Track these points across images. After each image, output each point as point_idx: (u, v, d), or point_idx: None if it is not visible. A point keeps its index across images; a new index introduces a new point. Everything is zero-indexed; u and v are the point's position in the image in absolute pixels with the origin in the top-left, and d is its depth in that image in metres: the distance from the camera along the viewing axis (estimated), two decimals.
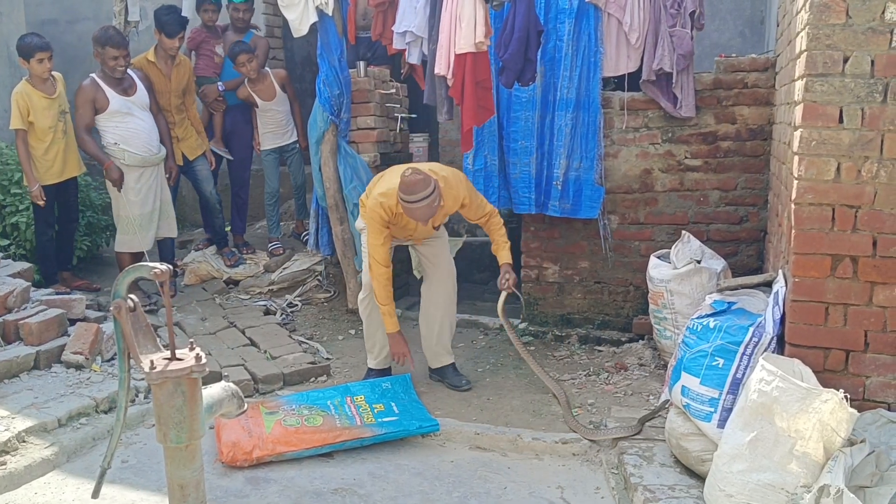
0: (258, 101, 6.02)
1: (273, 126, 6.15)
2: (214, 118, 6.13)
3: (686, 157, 4.83)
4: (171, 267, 2.33)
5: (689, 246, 4.38)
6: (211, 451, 3.73)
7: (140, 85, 5.27)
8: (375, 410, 4.01)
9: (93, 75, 5.21)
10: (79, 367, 4.38)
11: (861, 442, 2.78)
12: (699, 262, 4.29)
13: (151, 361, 2.23)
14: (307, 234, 5.76)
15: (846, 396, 2.70)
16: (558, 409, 4.09)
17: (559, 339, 5.07)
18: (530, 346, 5.02)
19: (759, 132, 4.70)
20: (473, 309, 5.74)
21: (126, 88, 5.19)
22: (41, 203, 5.17)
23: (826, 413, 2.71)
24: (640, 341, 4.85)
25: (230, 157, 6.18)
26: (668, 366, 4.06)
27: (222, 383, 2.45)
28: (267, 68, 6.13)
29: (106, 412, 4.08)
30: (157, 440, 2.30)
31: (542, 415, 4.03)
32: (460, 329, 5.34)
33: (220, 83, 6.00)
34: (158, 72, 5.50)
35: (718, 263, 4.34)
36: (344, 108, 5.21)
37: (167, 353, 2.27)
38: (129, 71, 5.25)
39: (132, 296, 2.34)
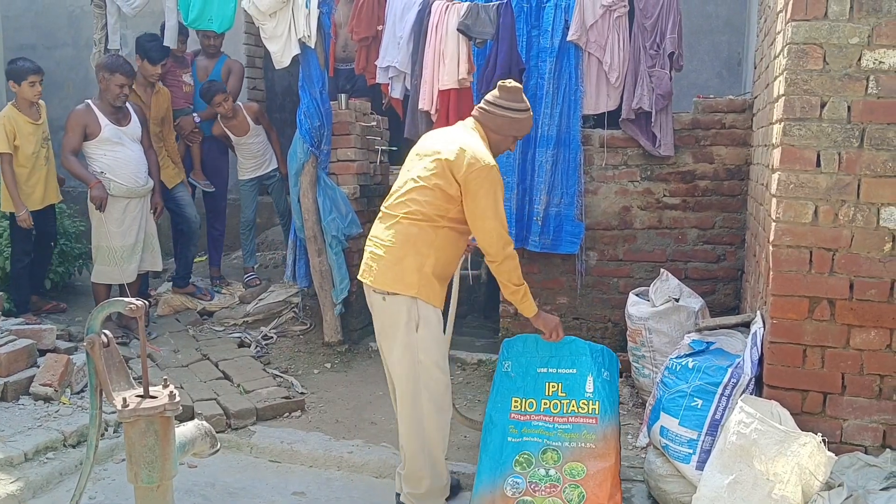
0: (232, 137, 6.00)
1: (251, 158, 6.14)
2: (192, 150, 6.09)
3: (664, 195, 4.87)
4: (146, 303, 2.29)
5: (667, 284, 4.39)
6: None
7: (135, 117, 5.24)
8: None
9: (88, 101, 5.16)
10: (47, 399, 4.28)
11: (839, 486, 2.77)
12: (677, 300, 4.30)
13: (124, 399, 2.17)
14: None
15: (824, 440, 2.70)
16: None
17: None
18: None
19: (736, 172, 4.76)
20: (451, 343, 5.68)
21: (120, 118, 5.15)
22: (29, 226, 5.11)
23: (804, 456, 2.71)
24: (619, 379, 4.82)
25: (211, 189, 6.12)
26: (647, 405, 4.05)
27: (195, 421, 2.39)
28: (239, 103, 6.09)
29: (74, 446, 3.99)
30: (128, 480, 2.23)
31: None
32: None
33: (195, 115, 5.97)
34: (138, 98, 5.47)
35: (696, 302, 4.35)
36: (324, 139, 5.20)
37: (140, 391, 2.22)
38: (126, 103, 5.21)
39: (106, 331, 2.29)
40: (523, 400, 3.50)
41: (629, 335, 4.46)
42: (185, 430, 2.32)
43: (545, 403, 3.47)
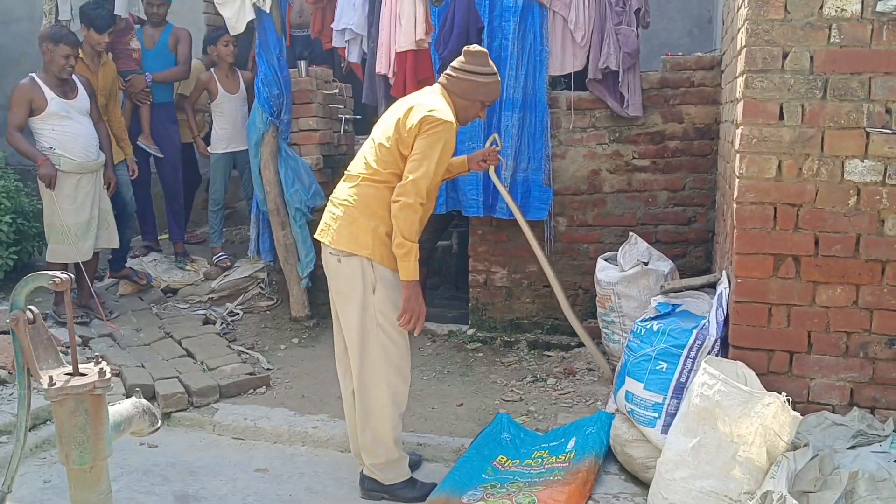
0: (220, 90, 5.82)
1: (229, 125, 5.91)
2: (141, 112, 5.85)
3: (634, 158, 4.77)
4: (71, 276, 2.17)
5: (636, 248, 4.30)
6: None
7: (82, 90, 5.04)
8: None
9: (32, 75, 4.96)
10: (2, 382, 4.15)
11: (805, 446, 2.71)
12: (646, 263, 4.21)
13: (51, 377, 2.06)
14: None
15: (789, 399, 2.63)
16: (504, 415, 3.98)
17: (508, 344, 4.96)
18: (478, 352, 4.91)
19: (706, 131, 4.66)
20: None
21: (67, 91, 4.95)
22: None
23: (769, 417, 2.64)
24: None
25: (160, 155, 5.91)
26: (615, 370, 3.98)
27: (132, 399, 2.29)
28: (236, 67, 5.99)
29: (31, 429, 3.87)
30: (60, 461, 2.13)
31: (486, 422, 3.90)
32: None
33: (148, 74, 5.76)
34: (86, 69, 5.26)
35: (666, 265, 4.27)
36: (284, 108, 5.05)
37: (69, 368, 2.11)
38: (73, 75, 5.02)
39: (32, 307, 2.17)
40: (509, 459, 3.52)
41: (598, 301, 4.38)
42: (120, 409, 2.21)
43: (528, 462, 3.48)
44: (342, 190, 3.24)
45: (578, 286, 4.93)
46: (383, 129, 3.18)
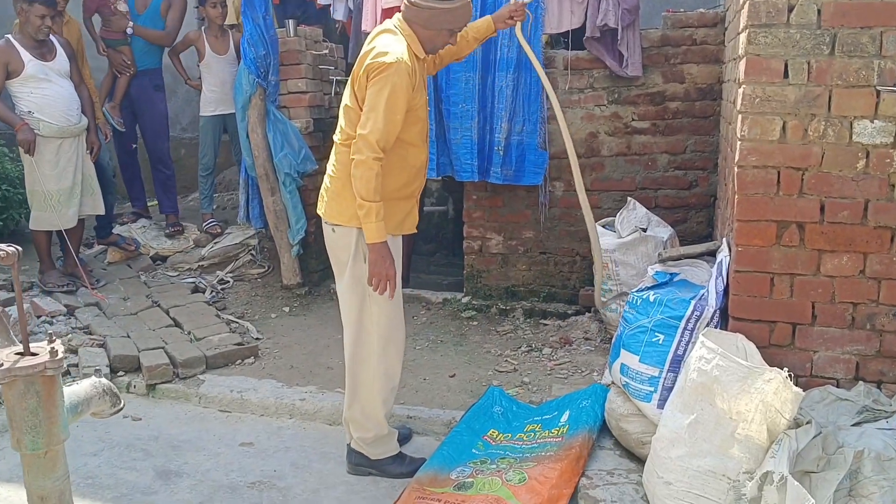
0: (208, 50, 5.64)
1: (218, 88, 5.74)
2: (118, 81, 5.70)
3: (633, 119, 4.58)
4: (18, 249, 2.02)
5: (634, 213, 4.15)
6: None
7: (61, 51, 4.87)
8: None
9: (8, 36, 4.78)
10: None
11: (807, 423, 2.58)
12: (645, 230, 4.06)
13: None
14: None
15: (790, 375, 2.49)
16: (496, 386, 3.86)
17: (503, 312, 4.83)
18: (473, 320, 4.79)
19: (708, 91, 4.47)
20: (417, 282, 5.48)
21: (45, 53, 4.77)
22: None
23: (769, 393, 2.50)
24: (587, 314, 4.63)
25: (122, 129, 5.75)
26: (613, 341, 3.85)
27: (92, 379, 2.16)
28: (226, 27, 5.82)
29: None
30: (11, 446, 2.01)
31: (479, 394, 3.79)
32: None
33: (130, 25, 5.57)
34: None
35: (665, 231, 4.12)
36: (271, 69, 4.87)
37: (20, 348, 1.97)
38: (51, 36, 4.84)
39: None
40: (500, 433, 3.40)
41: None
42: (77, 390, 2.09)
43: (520, 436, 3.35)
44: (330, 160, 3.10)
45: (576, 253, 4.78)
46: (348, 87, 3.01)
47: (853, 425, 2.66)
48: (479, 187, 4.86)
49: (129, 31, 5.56)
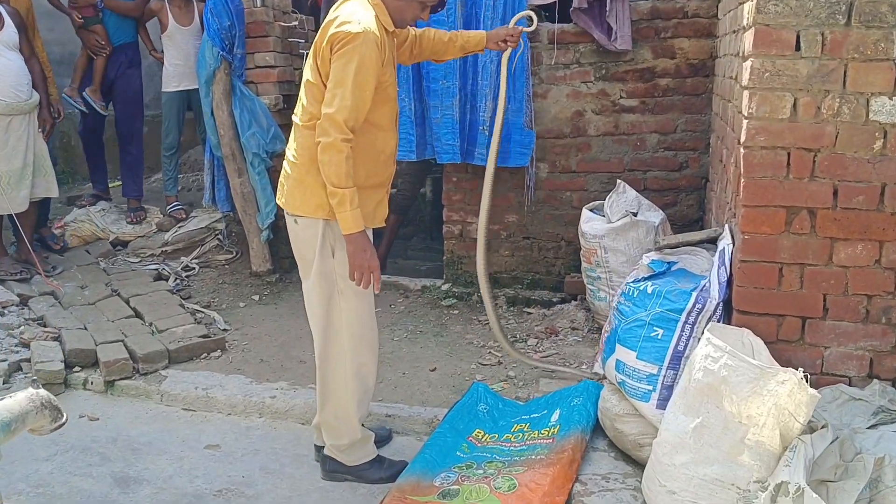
0: (171, 21, 5.30)
1: (181, 61, 5.40)
2: (95, 63, 5.37)
3: (621, 97, 4.35)
4: None
5: (624, 196, 3.93)
6: None
7: (8, 21, 4.51)
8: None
9: None
10: None
11: (822, 427, 2.38)
12: (635, 214, 3.85)
13: None
14: None
15: (806, 376, 2.29)
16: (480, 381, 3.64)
17: None
18: (454, 309, 4.55)
19: (700, 67, 4.25)
20: (394, 268, 5.23)
21: None
22: None
23: (783, 396, 2.30)
24: (573, 302, 4.42)
25: (105, 112, 5.41)
26: (602, 331, 3.64)
27: (28, 391, 1.88)
28: None
29: None
30: None
31: (462, 390, 3.56)
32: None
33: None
34: None
35: (656, 216, 3.91)
36: (237, 42, 4.58)
37: None
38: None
39: None
40: (486, 434, 3.16)
41: (583, 255, 4.02)
42: (10, 405, 1.81)
43: (507, 436, 3.13)
44: (290, 143, 2.82)
45: (561, 238, 4.55)
46: (310, 60, 2.71)
47: (869, 428, 2.47)
48: (459, 169, 4.61)
49: (99, 3, 5.20)
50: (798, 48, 2.51)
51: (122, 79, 5.48)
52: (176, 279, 4.86)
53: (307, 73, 2.72)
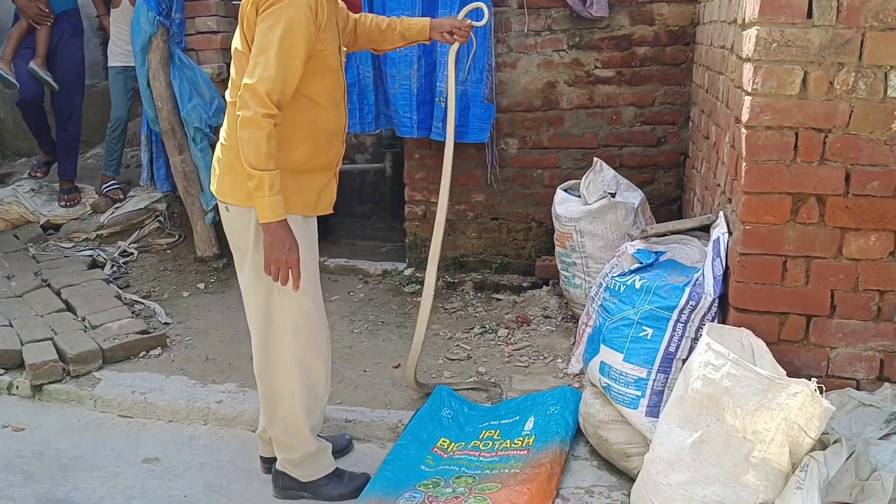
0: None
1: (127, 37, 4.92)
2: (38, 33, 4.86)
3: (596, 67, 4.04)
4: None
5: (601, 176, 3.64)
6: None
7: None
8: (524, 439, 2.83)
9: None
10: None
11: (835, 442, 2.14)
12: (613, 195, 3.56)
13: None
14: None
15: (820, 387, 2.03)
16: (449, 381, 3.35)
17: (451, 286, 4.29)
18: (417, 295, 4.24)
19: (680, 35, 3.95)
20: (352, 251, 4.89)
21: None
22: None
23: (793, 409, 2.04)
24: (545, 287, 4.13)
25: (55, 87, 4.91)
26: (580, 323, 3.37)
27: None
28: None
29: None
30: None
31: (428, 388, 3.27)
32: (335, 277, 4.51)
33: None
34: None
35: (636, 196, 3.63)
36: (175, 6, 4.17)
37: None
38: None
39: None
40: (452, 442, 2.87)
41: (557, 239, 3.73)
42: None
43: (475, 444, 2.83)
44: (224, 123, 2.47)
45: (532, 218, 4.26)
46: (238, 28, 2.36)
47: (881, 438, 2.24)
48: (421, 145, 4.27)
49: None
50: (810, 15, 2.23)
51: (63, 49, 4.96)
52: (113, 266, 4.45)
53: (235, 41, 2.35)
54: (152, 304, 4.10)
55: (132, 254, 4.61)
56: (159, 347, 3.68)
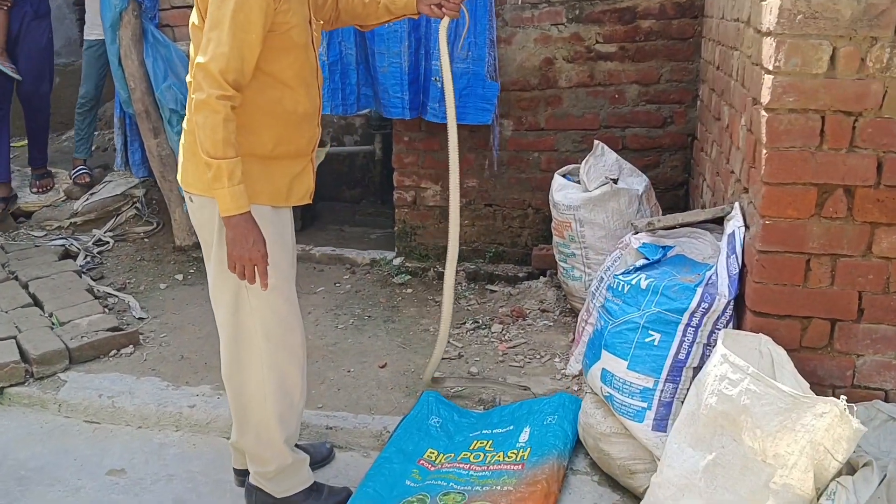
0: None
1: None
2: None
3: (597, 42, 3.77)
4: None
5: (602, 160, 3.39)
6: None
7: None
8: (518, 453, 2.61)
9: None
10: None
11: (865, 465, 1.91)
12: (615, 181, 3.31)
13: None
14: None
15: (851, 407, 1.80)
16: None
17: (442, 276, 4.03)
18: (406, 287, 4.01)
19: (688, 7, 3.68)
20: (339, 238, 4.65)
21: None
22: None
23: (820, 431, 1.82)
24: (542, 278, 3.89)
25: (17, 77, 4.60)
26: (579, 319, 3.14)
27: None
28: None
29: None
30: None
31: (417, 392, 3.05)
32: (321, 267, 4.26)
33: None
34: None
35: (640, 182, 3.39)
36: None
37: None
38: None
39: None
40: (440, 454, 2.65)
41: (554, 228, 3.49)
42: None
43: (465, 455, 2.61)
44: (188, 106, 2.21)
45: (528, 205, 4.01)
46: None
47: None
48: (411, 127, 4.01)
49: None
50: None
51: (26, 34, 4.61)
52: (86, 256, 4.21)
53: (193, 16, 2.10)
54: (127, 297, 3.86)
55: (107, 243, 4.37)
56: (131, 345, 3.44)
